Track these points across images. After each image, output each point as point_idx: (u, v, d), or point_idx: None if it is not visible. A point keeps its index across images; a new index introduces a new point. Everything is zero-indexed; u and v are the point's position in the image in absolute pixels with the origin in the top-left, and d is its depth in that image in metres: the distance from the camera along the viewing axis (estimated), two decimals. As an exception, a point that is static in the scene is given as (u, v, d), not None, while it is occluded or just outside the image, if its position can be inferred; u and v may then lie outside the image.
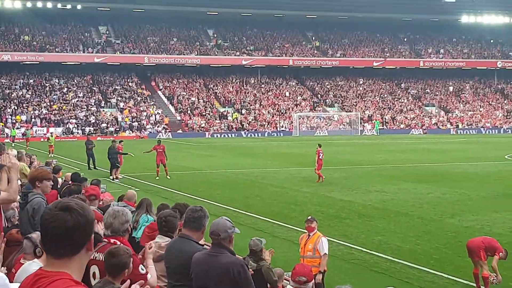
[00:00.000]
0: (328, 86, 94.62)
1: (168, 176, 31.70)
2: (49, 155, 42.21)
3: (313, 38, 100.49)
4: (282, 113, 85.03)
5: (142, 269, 6.05)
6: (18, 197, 7.72)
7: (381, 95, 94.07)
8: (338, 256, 15.64)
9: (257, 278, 9.50)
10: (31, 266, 5.47)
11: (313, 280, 7.31)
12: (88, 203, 8.36)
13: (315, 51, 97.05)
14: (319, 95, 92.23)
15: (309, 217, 13.34)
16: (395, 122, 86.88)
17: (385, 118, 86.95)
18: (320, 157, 30.57)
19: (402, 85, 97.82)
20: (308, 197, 25.66)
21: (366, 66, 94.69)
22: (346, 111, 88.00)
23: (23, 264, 6.01)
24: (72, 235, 2.89)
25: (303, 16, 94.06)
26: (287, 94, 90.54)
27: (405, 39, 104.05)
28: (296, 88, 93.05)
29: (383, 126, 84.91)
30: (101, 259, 5.99)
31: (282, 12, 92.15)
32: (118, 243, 6.16)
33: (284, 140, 68.06)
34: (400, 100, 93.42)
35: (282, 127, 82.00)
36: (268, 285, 9.56)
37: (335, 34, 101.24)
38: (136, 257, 6.21)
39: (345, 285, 6.59)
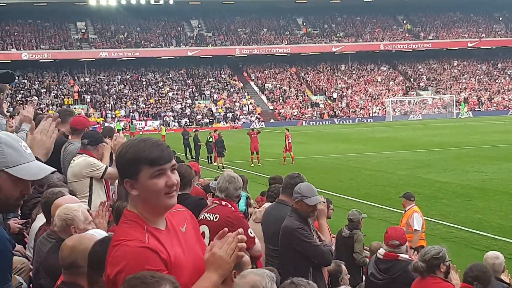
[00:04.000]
0: (421, 70, 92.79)
1: (260, 163, 32.57)
2: None
3: (404, 22, 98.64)
4: (374, 98, 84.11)
5: (251, 232, 6.29)
6: None
7: (477, 77, 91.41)
8: (436, 235, 15.59)
9: (347, 244, 9.82)
10: None
11: (407, 243, 7.34)
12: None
13: (407, 35, 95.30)
14: (412, 79, 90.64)
15: (407, 193, 13.42)
16: (492, 104, 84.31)
17: (481, 100, 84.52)
18: (289, 141, 32.61)
19: (498, 65, 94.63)
20: (404, 179, 25.52)
21: (460, 47, 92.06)
22: (441, 94, 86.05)
23: None
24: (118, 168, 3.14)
25: (393, 0, 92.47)
26: (379, 79, 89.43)
27: (500, 18, 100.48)
28: (388, 73, 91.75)
29: (479, 108, 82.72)
30: (211, 219, 6.31)
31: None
32: (229, 205, 6.43)
33: (377, 125, 67.38)
34: (497, 81, 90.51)
35: (374, 112, 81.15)
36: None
37: (427, 17, 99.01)
38: (245, 220, 6.48)
39: (438, 245, 6.60)
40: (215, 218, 6.30)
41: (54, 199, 5.20)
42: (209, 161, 35.31)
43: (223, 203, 6.45)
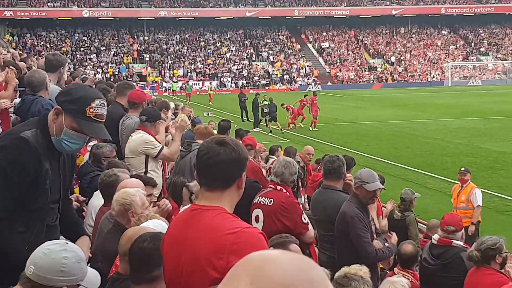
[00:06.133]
0: (483, 34, 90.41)
1: (313, 128, 32.44)
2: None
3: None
4: (433, 63, 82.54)
5: (304, 218, 6.36)
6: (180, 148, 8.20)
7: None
8: (492, 208, 15.42)
9: (399, 227, 9.73)
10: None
11: (462, 230, 7.23)
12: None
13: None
14: (472, 44, 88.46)
15: (463, 169, 13.25)
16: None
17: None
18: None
19: None
20: (460, 148, 25.15)
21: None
22: (502, 60, 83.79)
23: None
24: (224, 168, 2.99)
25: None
26: (439, 43, 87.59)
27: None
28: (448, 37, 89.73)
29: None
30: (266, 204, 6.40)
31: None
32: (284, 190, 6.45)
33: (435, 90, 66.19)
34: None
35: (433, 77, 79.69)
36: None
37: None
38: (299, 206, 6.54)
39: (496, 236, 6.38)
40: (270, 203, 6.38)
41: (111, 180, 5.37)
42: (266, 124, 35.22)
43: (278, 187, 6.47)
